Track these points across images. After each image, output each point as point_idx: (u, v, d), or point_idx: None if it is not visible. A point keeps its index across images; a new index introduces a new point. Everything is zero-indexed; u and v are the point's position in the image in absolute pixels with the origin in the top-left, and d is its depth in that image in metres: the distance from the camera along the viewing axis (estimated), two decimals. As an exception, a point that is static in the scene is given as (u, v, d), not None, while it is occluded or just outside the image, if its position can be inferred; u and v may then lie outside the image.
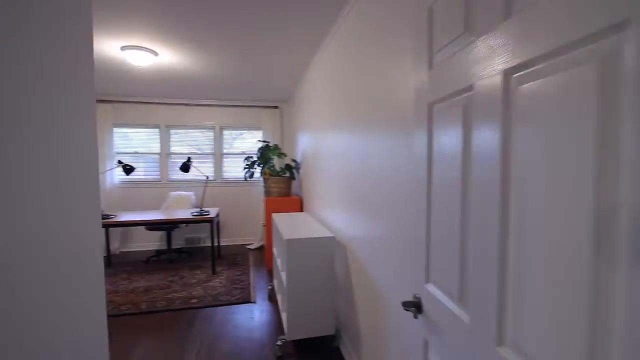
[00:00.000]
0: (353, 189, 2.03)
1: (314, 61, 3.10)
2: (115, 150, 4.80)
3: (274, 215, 3.11)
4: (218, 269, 3.97)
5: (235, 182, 5.19)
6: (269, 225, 3.89)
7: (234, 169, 5.23)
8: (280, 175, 4.11)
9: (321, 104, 2.90)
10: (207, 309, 2.93)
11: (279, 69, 3.53)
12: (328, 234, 2.26)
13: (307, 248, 2.16)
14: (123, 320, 2.72)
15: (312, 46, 2.78)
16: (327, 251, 2.20)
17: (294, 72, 3.67)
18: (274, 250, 3.15)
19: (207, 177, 3.91)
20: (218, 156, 5.12)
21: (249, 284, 3.51)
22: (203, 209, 4.09)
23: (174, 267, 4.04)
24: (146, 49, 2.77)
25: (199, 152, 5.09)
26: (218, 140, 5.10)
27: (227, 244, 5.21)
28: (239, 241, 5.28)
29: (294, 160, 4.18)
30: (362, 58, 1.83)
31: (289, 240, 2.12)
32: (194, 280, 3.59)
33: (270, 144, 4.18)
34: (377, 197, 1.65)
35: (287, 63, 3.28)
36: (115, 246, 4.72)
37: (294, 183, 4.54)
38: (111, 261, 4.28)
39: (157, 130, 4.95)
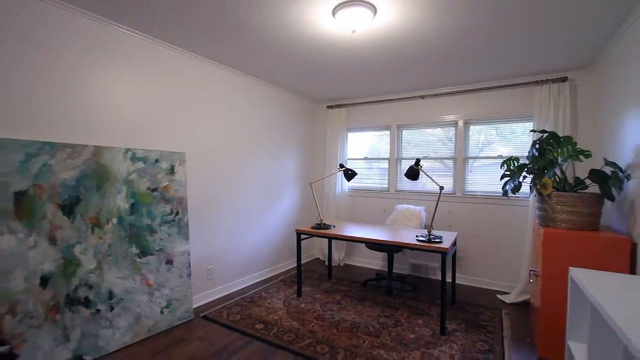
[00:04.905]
0: None
1: None
2: (347, 156, 4.57)
3: (578, 273, 1.44)
4: (450, 326, 2.64)
5: (484, 198, 3.63)
6: (549, 275, 2.14)
7: (483, 180, 3.68)
8: (575, 191, 2.24)
9: None
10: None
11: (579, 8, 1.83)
12: None
13: None
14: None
15: None
16: None
17: (607, 13, 1.83)
18: (570, 344, 1.47)
19: (442, 188, 2.69)
20: (460, 161, 3.78)
21: (504, 380, 1.96)
22: (434, 233, 2.90)
23: (391, 302, 3.09)
24: (363, 3, 2.00)
25: (435, 156, 3.97)
26: (461, 140, 3.76)
27: (466, 284, 3.71)
28: (484, 284, 3.65)
29: (612, 164, 2.15)
30: None
31: None
32: (412, 336, 2.46)
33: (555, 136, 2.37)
34: None
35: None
36: (340, 257, 4.43)
37: (609, 207, 2.45)
38: (332, 274, 3.94)
39: (387, 133, 4.30)
